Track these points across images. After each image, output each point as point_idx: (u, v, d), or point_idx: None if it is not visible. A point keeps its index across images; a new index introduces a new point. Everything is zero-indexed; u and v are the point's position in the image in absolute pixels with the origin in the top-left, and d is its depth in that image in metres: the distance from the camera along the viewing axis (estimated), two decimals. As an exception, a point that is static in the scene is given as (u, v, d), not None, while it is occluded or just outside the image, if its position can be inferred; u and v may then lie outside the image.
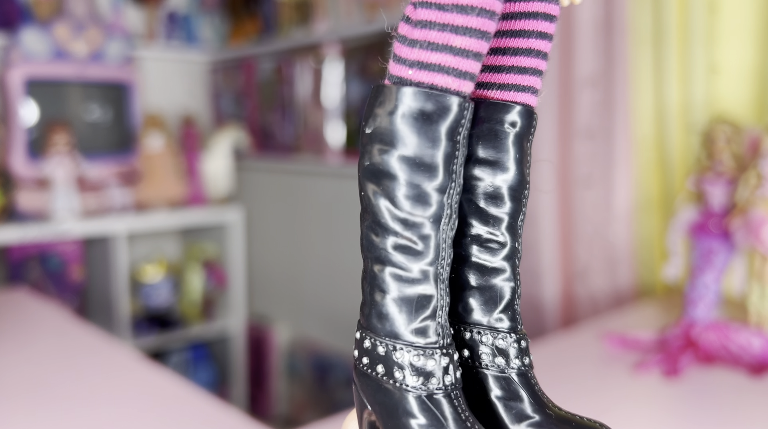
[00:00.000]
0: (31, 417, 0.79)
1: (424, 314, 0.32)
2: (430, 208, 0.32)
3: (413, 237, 0.32)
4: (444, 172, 0.31)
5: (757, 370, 0.87)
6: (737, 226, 0.92)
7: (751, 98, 1.16)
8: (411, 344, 0.32)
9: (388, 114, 0.31)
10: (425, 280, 0.32)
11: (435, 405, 0.31)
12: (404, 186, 0.31)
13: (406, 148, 0.31)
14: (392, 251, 0.32)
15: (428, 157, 0.31)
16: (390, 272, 0.32)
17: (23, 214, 1.82)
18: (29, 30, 1.86)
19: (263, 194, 2.28)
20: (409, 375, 0.31)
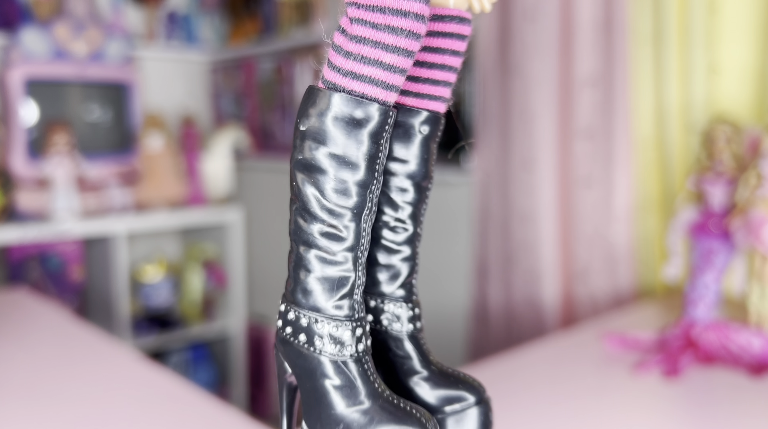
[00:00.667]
0: (31, 416, 0.79)
1: (342, 291, 0.37)
2: (353, 200, 0.36)
3: (338, 224, 0.36)
4: (367, 170, 0.36)
5: (757, 370, 0.87)
6: (737, 226, 0.92)
7: (751, 98, 1.16)
8: (330, 317, 0.37)
9: (320, 115, 0.35)
10: (346, 263, 0.37)
11: (348, 368, 0.36)
12: (332, 180, 0.36)
13: (336, 146, 0.35)
14: (318, 236, 0.37)
15: (354, 157, 0.35)
16: (315, 254, 0.37)
17: (23, 214, 1.82)
18: (29, 30, 1.86)
19: (263, 194, 2.28)
20: (327, 343, 0.36)
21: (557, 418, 0.77)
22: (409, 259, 0.42)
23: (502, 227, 1.51)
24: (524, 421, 0.76)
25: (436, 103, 0.42)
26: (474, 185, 1.57)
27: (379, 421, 0.35)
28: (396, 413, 0.36)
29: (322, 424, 0.36)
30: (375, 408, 0.35)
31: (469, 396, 0.42)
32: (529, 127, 1.41)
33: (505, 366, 0.91)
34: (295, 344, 0.37)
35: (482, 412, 0.42)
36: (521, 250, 1.45)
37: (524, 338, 1.45)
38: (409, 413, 0.36)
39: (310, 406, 0.36)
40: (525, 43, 1.40)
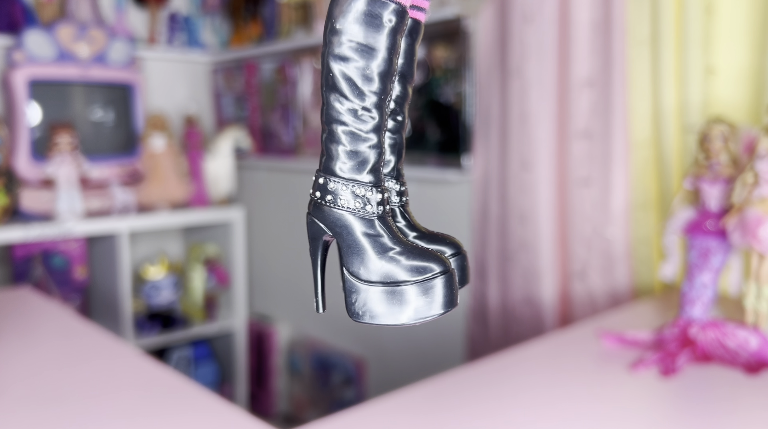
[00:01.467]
0: (35, 414, 0.80)
1: (369, 162, 0.45)
2: (377, 85, 0.44)
3: (367, 105, 0.44)
4: (387, 60, 0.44)
5: (753, 369, 0.87)
6: (734, 226, 0.93)
7: (747, 99, 1.16)
8: (360, 182, 0.46)
9: (353, 14, 0.43)
10: (372, 139, 0.45)
11: (378, 223, 0.46)
12: (361, 68, 0.44)
13: (364, 39, 0.43)
14: (350, 116, 0.45)
15: (378, 49, 0.44)
16: (346, 130, 0.45)
17: (27, 213, 1.83)
18: (33, 32, 1.87)
19: (265, 194, 2.29)
20: (363, 203, 0.46)
21: (555, 416, 0.77)
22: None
23: (501, 227, 1.51)
24: (522, 419, 0.77)
25: (419, 13, 0.50)
26: (473, 185, 1.58)
27: (408, 257, 0.45)
28: (422, 252, 0.45)
29: (365, 267, 0.45)
30: (404, 250, 0.45)
31: (449, 249, 0.52)
32: (527, 128, 1.42)
33: (504, 364, 0.92)
34: (334, 206, 0.46)
35: (461, 260, 0.52)
36: (520, 249, 1.46)
37: (523, 337, 1.46)
38: (431, 252, 0.45)
39: (351, 256, 0.46)
40: (523, 44, 1.40)
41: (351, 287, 0.46)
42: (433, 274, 0.44)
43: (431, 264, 0.44)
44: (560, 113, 1.40)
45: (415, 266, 0.44)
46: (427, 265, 0.44)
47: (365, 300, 0.45)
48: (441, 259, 0.45)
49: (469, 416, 0.76)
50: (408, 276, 0.44)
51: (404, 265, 0.44)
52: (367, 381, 1.97)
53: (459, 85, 1.57)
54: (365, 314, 0.45)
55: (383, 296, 0.44)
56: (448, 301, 0.44)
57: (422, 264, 0.44)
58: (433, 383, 0.85)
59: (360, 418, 0.76)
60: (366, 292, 0.45)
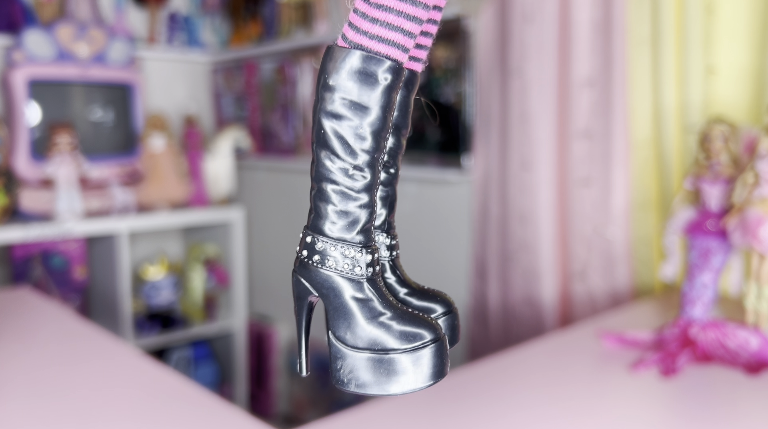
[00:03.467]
0: (34, 414, 0.80)
1: (359, 222, 0.44)
2: (370, 144, 0.43)
3: (359, 164, 0.43)
4: (382, 118, 0.42)
5: (754, 369, 0.87)
6: (734, 226, 0.93)
7: (747, 99, 1.16)
8: (349, 243, 0.44)
9: (346, 71, 0.42)
10: (363, 198, 0.44)
11: (367, 286, 0.44)
12: (354, 126, 0.42)
13: (358, 97, 0.42)
14: (341, 174, 0.43)
15: (373, 107, 0.42)
16: (337, 190, 0.43)
17: (26, 213, 1.83)
18: (32, 32, 1.87)
19: (264, 194, 2.29)
20: (350, 265, 0.44)
21: (555, 416, 0.77)
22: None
23: (501, 227, 1.51)
24: (522, 419, 0.77)
25: (416, 64, 0.49)
26: (473, 185, 1.58)
27: (399, 323, 0.43)
28: (413, 318, 0.43)
29: (351, 332, 0.44)
30: (394, 315, 0.43)
31: (440, 307, 0.50)
32: (527, 128, 1.42)
33: (504, 364, 0.92)
34: (321, 267, 0.44)
35: (452, 318, 0.49)
36: (520, 249, 1.46)
37: (523, 337, 1.46)
38: (422, 318, 0.44)
39: (338, 320, 0.44)
40: (524, 44, 1.40)
41: (336, 353, 0.44)
42: (423, 342, 0.42)
43: (422, 330, 0.42)
44: (560, 113, 1.40)
45: (405, 333, 0.42)
46: (417, 331, 0.42)
47: (351, 367, 0.43)
48: (432, 326, 0.43)
49: (469, 416, 0.76)
50: (397, 343, 0.42)
51: (394, 331, 0.42)
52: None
53: (459, 85, 1.57)
54: (351, 382, 0.43)
55: (370, 364, 0.42)
56: (438, 371, 0.42)
57: (413, 330, 0.42)
58: (433, 383, 0.85)
59: (360, 419, 0.76)
60: (352, 358, 0.43)
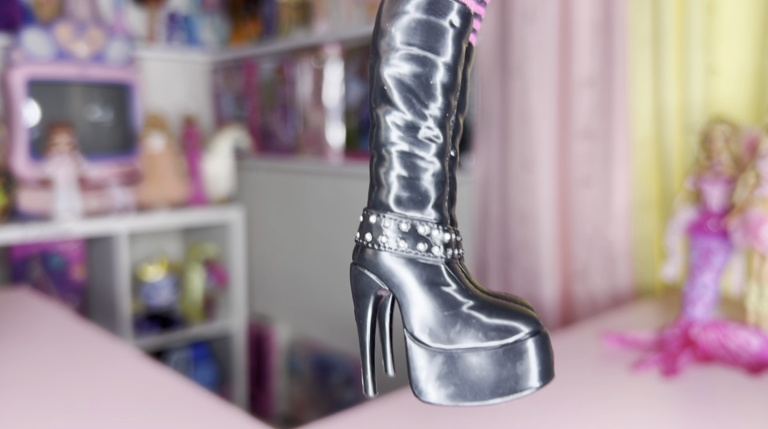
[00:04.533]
0: (33, 416, 0.80)
1: (435, 196, 0.37)
2: (441, 102, 0.37)
3: (431, 125, 0.36)
4: (452, 73, 0.36)
5: (755, 370, 0.87)
6: (735, 226, 0.93)
7: (749, 99, 1.16)
8: (427, 222, 0.37)
9: (412, 16, 0.36)
10: (435, 168, 0.37)
11: (449, 270, 0.37)
12: (424, 82, 0.36)
13: (425, 49, 0.36)
14: (413, 140, 0.37)
15: (442, 60, 0.36)
16: (405, 154, 0.37)
17: (25, 214, 1.83)
18: (31, 31, 1.87)
19: (264, 194, 2.28)
20: (429, 247, 0.37)
21: (556, 416, 0.77)
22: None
23: (502, 227, 1.51)
24: (522, 419, 0.76)
25: (472, 35, 0.41)
26: (473, 185, 1.57)
27: (489, 314, 0.36)
28: (504, 308, 0.36)
29: (432, 330, 0.36)
30: (481, 304, 0.36)
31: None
32: (528, 128, 1.41)
33: (504, 365, 0.92)
34: (390, 251, 0.37)
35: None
36: (521, 249, 1.46)
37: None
38: (516, 308, 0.36)
39: (415, 316, 0.37)
40: (524, 43, 1.40)
41: (415, 357, 0.37)
42: (522, 335, 0.35)
43: (518, 323, 0.35)
44: (561, 113, 1.40)
45: (498, 325, 0.35)
46: (512, 324, 0.35)
47: (438, 373, 0.36)
48: (530, 316, 0.36)
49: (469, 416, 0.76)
50: (490, 339, 0.35)
51: (483, 324, 0.35)
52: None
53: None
54: (438, 392, 0.36)
55: (458, 367, 0.35)
56: (544, 370, 0.36)
57: (507, 323, 0.35)
58: (433, 384, 0.84)
59: (360, 419, 0.76)
60: (437, 363, 0.36)
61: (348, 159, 1.89)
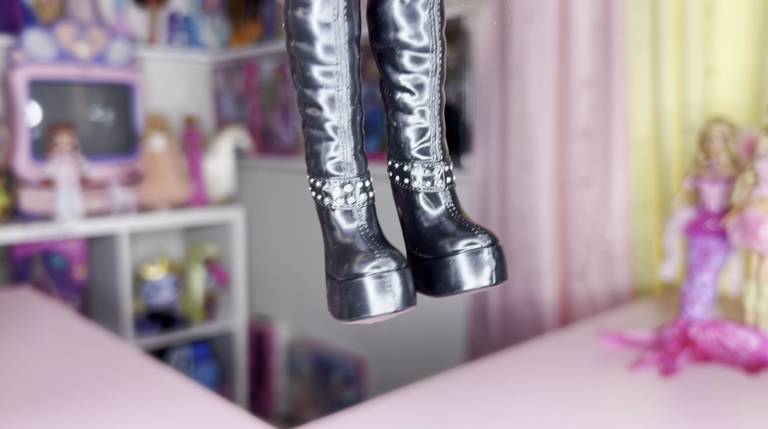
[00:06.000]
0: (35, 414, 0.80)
1: (329, 151, 0.43)
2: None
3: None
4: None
5: (753, 369, 0.87)
6: (734, 226, 0.93)
7: (747, 99, 1.16)
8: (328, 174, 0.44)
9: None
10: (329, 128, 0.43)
11: (331, 214, 0.44)
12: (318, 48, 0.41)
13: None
14: (323, 102, 0.42)
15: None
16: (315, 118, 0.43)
17: (27, 213, 1.83)
18: (33, 32, 1.87)
19: (264, 194, 2.29)
20: (327, 196, 0.44)
21: (555, 416, 0.77)
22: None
23: (501, 227, 1.51)
24: (522, 419, 0.77)
25: None
26: (473, 185, 1.58)
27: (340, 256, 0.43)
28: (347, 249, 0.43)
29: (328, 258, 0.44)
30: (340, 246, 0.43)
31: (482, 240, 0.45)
32: (527, 128, 1.42)
33: (504, 364, 0.92)
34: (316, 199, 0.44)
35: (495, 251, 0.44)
36: (520, 249, 1.46)
37: (523, 337, 1.46)
38: (388, 248, 0.43)
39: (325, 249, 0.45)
40: (523, 44, 1.40)
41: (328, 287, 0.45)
42: (357, 274, 0.42)
43: (350, 264, 0.43)
44: (560, 113, 1.40)
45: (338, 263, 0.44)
46: (346, 266, 0.43)
47: (333, 298, 0.44)
48: (362, 261, 0.42)
49: (469, 416, 0.76)
50: (337, 273, 0.43)
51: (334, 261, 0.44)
52: (367, 381, 1.97)
53: (459, 85, 1.57)
54: (338, 314, 0.44)
55: (345, 292, 0.43)
56: (405, 299, 0.42)
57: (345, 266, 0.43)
58: (433, 383, 0.85)
59: (360, 419, 0.76)
60: (333, 288, 0.44)
61: (348, 159, 1.89)
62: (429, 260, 0.44)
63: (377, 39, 0.44)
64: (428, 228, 0.45)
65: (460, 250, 0.42)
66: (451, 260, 0.43)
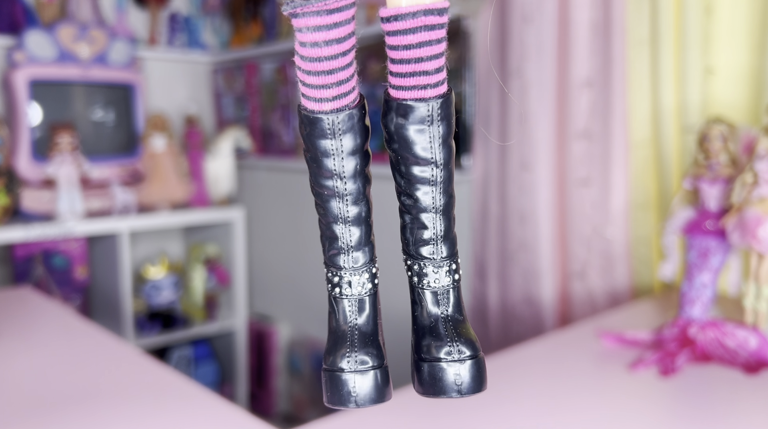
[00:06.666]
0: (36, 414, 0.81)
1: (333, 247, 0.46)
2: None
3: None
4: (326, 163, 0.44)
5: (752, 369, 0.87)
6: (733, 226, 0.93)
7: (746, 100, 1.17)
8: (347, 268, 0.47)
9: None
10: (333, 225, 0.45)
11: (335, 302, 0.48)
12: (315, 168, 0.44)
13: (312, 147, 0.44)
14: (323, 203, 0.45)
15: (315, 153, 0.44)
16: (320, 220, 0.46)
17: (28, 213, 1.84)
18: (34, 32, 1.87)
19: (265, 194, 2.29)
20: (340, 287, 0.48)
21: (555, 415, 0.78)
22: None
23: (501, 227, 1.52)
24: (522, 419, 0.77)
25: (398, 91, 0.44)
26: (472, 185, 1.58)
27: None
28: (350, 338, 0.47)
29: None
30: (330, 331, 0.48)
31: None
32: (527, 128, 1.42)
33: (504, 364, 0.92)
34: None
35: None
36: (520, 249, 1.46)
37: (522, 336, 1.46)
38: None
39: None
40: (523, 44, 1.41)
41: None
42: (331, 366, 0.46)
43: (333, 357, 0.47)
44: (560, 113, 1.40)
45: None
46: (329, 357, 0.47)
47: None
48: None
49: (469, 416, 0.76)
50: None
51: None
52: None
53: (459, 85, 1.58)
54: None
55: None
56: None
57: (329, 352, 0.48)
58: (432, 383, 0.85)
59: (360, 418, 0.76)
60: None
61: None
62: (415, 357, 0.46)
63: (387, 145, 0.45)
64: (420, 324, 0.46)
65: (439, 357, 0.43)
66: (426, 365, 0.43)
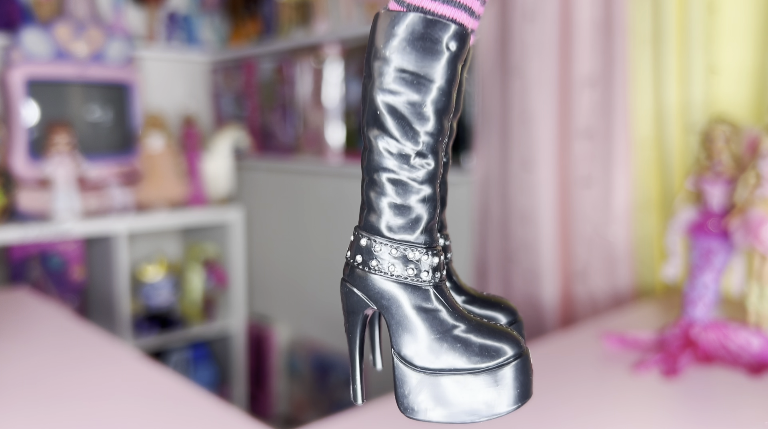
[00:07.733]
0: (32, 416, 0.80)
1: (424, 220, 0.38)
2: (433, 125, 0.37)
3: (422, 151, 0.37)
4: (446, 94, 0.36)
5: (756, 370, 0.87)
6: (736, 226, 0.92)
7: (749, 98, 1.16)
8: (416, 245, 0.38)
9: (403, 37, 0.35)
10: (430, 188, 0.37)
11: (436, 293, 0.38)
12: (422, 104, 0.36)
13: (419, 69, 0.35)
14: (403, 163, 0.37)
15: (435, 81, 0.36)
16: (396, 180, 0.37)
17: (24, 214, 1.83)
18: (30, 30, 1.86)
19: (263, 194, 2.28)
20: (417, 271, 0.38)
21: (556, 417, 0.77)
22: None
23: (502, 227, 1.51)
24: (523, 420, 0.76)
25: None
26: (473, 185, 1.57)
27: (476, 337, 0.37)
28: (491, 330, 0.37)
29: (419, 351, 0.37)
30: (469, 327, 0.37)
31: (503, 317, 0.43)
32: (528, 128, 1.41)
33: (505, 365, 0.92)
34: (379, 273, 0.38)
35: (517, 329, 0.43)
36: (521, 249, 1.46)
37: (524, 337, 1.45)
38: (502, 330, 0.38)
39: (402, 336, 0.37)
40: (525, 43, 1.40)
41: (403, 376, 0.37)
42: (506, 358, 0.36)
43: (503, 345, 0.37)
44: (561, 113, 1.39)
45: (484, 348, 0.36)
46: (498, 346, 0.36)
47: (420, 391, 0.37)
48: (515, 339, 0.37)
49: (471, 418, 0.76)
50: (474, 362, 0.36)
51: (470, 347, 0.36)
52: (367, 382, 1.96)
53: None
54: (423, 410, 0.37)
55: (443, 387, 0.36)
56: (522, 393, 0.37)
57: (492, 345, 0.36)
58: (433, 385, 0.84)
59: (360, 420, 0.75)
60: (423, 381, 0.37)
61: (348, 159, 1.89)
62: None
63: None
64: None
65: None
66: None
